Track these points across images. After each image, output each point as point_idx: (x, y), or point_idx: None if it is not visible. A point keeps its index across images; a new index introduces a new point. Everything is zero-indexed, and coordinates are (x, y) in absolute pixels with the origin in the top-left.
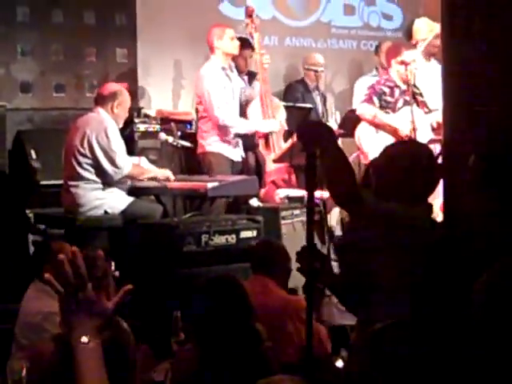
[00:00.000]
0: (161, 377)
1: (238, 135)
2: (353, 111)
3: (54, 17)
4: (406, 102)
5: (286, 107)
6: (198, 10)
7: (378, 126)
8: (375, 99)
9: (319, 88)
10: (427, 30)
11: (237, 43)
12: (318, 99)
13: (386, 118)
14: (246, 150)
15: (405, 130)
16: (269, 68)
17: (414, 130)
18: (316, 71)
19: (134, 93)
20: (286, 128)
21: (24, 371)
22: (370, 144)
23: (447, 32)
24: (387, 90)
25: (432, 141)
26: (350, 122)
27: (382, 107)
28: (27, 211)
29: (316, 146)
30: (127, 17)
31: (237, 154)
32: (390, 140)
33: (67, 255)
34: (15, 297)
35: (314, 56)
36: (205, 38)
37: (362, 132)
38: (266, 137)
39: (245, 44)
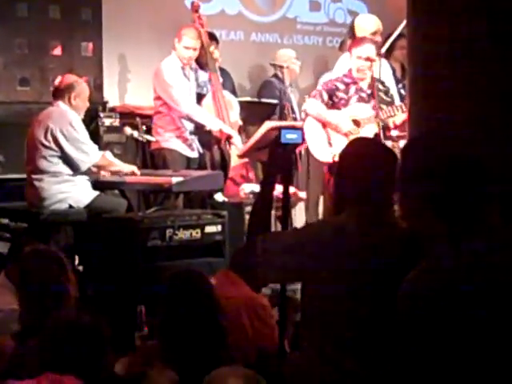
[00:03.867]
0: (122, 370)
1: (194, 132)
2: None
3: (18, 10)
4: (360, 99)
5: (250, 102)
6: (164, 5)
7: (322, 122)
8: (324, 95)
9: (292, 84)
10: (363, 27)
11: (190, 54)
12: (291, 96)
13: (326, 115)
14: (211, 144)
15: (345, 127)
16: (234, 63)
17: (358, 126)
18: (281, 66)
19: (100, 87)
20: (241, 123)
21: None
22: (313, 138)
23: (412, 30)
24: (342, 87)
25: (398, 137)
26: None
27: (334, 103)
28: None
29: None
30: (93, 11)
31: (193, 149)
32: (334, 136)
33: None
34: None
35: (278, 52)
36: (170, 31)
37: (308, 126)
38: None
39: (210, 38)
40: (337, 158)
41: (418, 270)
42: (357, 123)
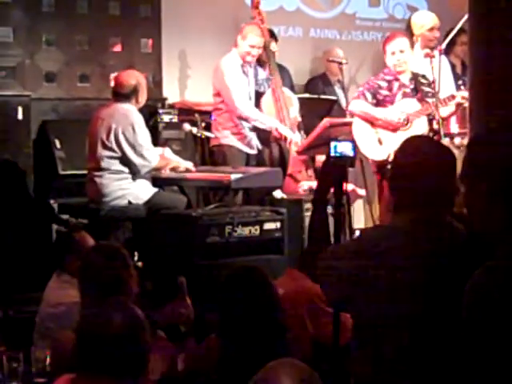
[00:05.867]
0: (182, 366)
1: (253, 128)
2: None
3: (78, 7)
4: (405, 95)
5: (309, 99)
6: (224, 0)
7: (370, 121)
8: (368, 94)
9: (341, 81)
10: (419, 24)
11: (254, 52)
12: (340, 92)
13: (373, 112)
14: (269, 141)
15: (395, 118)
16: (293, 60)
17: (409, 121)
18: (340, 63)
19: (159, 83)
20: (300, 119)
21: (48, 360)
22: (362, 139)
23: (473, 25)
24: (384, 84)
25: (459, 134)
26: None
27: (378, 101)
28: (51, 201)
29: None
30: (152, 7)
31: (252, 147)
32: (384, 134)
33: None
34: (38, 286)
35: (335, 49)
36: (229, 27)
37: (356, 126)
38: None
39: (269, 35)
40: (391, 158)
41: (491, 265)
42: (406, 118)
